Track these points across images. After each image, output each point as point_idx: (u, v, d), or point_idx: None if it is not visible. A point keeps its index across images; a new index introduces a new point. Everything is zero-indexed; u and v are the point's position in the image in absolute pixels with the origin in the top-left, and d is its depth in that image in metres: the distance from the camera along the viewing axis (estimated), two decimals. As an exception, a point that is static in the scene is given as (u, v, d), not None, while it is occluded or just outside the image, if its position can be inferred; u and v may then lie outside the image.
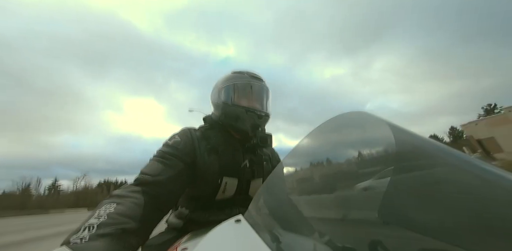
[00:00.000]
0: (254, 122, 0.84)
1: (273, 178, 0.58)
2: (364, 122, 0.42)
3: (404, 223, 0.26)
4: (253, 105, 0.87)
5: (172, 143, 0.76)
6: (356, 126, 0.45)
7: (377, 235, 0.27)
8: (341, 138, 0.49)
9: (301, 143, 0.54)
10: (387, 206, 0.28)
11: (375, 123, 0.40)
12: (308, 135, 0.52)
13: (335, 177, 0.41)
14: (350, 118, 0.45)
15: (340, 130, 0.48)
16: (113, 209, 0.51)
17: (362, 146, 0.41)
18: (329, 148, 0.50)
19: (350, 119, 0.45)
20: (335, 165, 0.44)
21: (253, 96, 0.90)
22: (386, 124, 0.37)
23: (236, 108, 0.85)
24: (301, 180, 0.50)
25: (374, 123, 0.40)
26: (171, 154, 0.72)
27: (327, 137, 0.51)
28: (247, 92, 0.90)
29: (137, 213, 0.54)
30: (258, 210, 0.53)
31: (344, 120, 0.46)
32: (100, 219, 0.48)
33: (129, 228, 0.50)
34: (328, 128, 0.49)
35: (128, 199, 0.56)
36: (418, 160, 0.30)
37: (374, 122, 0.40)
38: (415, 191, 0.27)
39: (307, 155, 0.55)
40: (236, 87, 0.89)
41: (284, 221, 0.45)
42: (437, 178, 0.26)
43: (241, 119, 0.84)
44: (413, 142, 0.32)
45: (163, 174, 0.66)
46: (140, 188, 0.60)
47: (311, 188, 0.48)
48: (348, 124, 0.46)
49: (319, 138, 0.51)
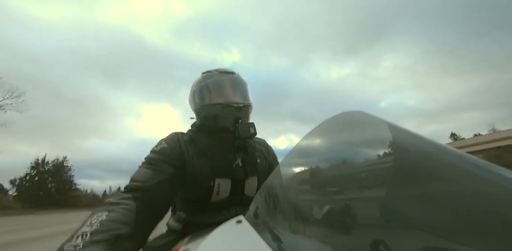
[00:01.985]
0: (234, 116, 0.82)
1: (273, 178, 0.58)
2: (362, 121, 0.43)
3: (405, 222, 0.26)
4: (229, 100, 0.85)
5: (159, 149, 0.76)
6: (355, 126, 0.45)
7: (378, 234, 0.28)
8: (340, 138, 0.49)
9: (301, 144, 0.54)
10: (388, 205, 0.28)
11: (373, 123, 0.40)
12: (307, 135, 0.52)
13: (335, 177, 0.42)
14: (348, 117, 0.45)
15: (338, 130, 0.49)
16: (105, 216, 0.51)
17: (361, 146, 0.41)
18: (328, 148, 0.50)
19: (348, 119, 0.45)
20: (335, 165, 0.45)
21: (226, 91, 0.88)
22: (384, 123, 0.37)
23: (211, 107, 0.84)
24: (301, 180, 0.50)
25: (372, 123, 0.41)
26: (159, 160, 0.72)
27: (327, 137, 0.51)
28: (218, 88, 0.88)
29: (130, 218, 0.54)
30: (259, 211, 0.53)
31: (342, 120, 0.46)
32: (93, 226, 0.47)
33: (123, 234, 0.49)
34: (326, 128, 0.49)
35: (120, 205, 0.56)
36: (418, 158, 0.31)
37: (372, 122, 0.41)
38: (415, 190, 0.27)
39: (306, 155, 0.55)
40: (206, 86, 0.87)
41: (285, 221, 0.45)
42: (437, 177, 0.26)
43: (220, 117, 0.82)
44: (412, 141, 0.33)
45: (153, 179, 0.66)
46: (130, 195, 0.60)
47: (312, 187, 0.48)
48: (347, 124, 0.46)
49: (318, 138, 0.52)
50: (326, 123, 0.49)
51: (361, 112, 0.44)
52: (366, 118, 0.41)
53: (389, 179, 0.31)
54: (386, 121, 0.38)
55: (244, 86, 0.93)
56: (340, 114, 0.46)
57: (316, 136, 0.51)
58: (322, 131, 0.50)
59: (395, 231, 0.27)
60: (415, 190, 0.27)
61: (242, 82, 0.93)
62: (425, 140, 0.31)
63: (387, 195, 0.30)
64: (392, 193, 0.29)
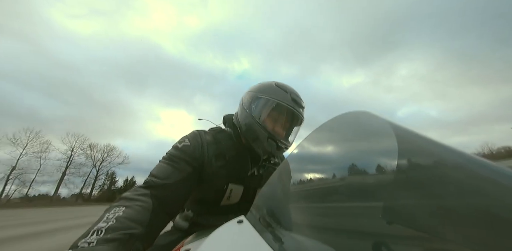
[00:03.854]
0: (270, 151, 0.80)
1: (275, 178, 0.58)
2: (366, 121, 0.42)
3: (408, 223, 0.25)
4: (278, 132, 0.82)
5: (181, 146, 0.75)
6: (358, 126, 0.44)
7: (380, 235, 0.27)
8: (343, 138, 0.49)
9: (303, 143, 0.54)
10: (390, 206, 0.28)
11: (377, 123, 0.40)
12: (309, 135, 0.52)
13: (337, 177, 0.41)
14: (352, 117, 0.44)
15: (341, 130, 0.48)
16: (121, 212, 0.51)
17: (364, 146, 0.40)
18: (331, 148, 0.50)
19: (352, 119, 0.45)
20: (337, 165, 0.44)
21: (283, 123, 0.84)
22: (388, 123, 0.36)
23: (260, 128, 0.79)
24: (303, 180, 0.50)
25: (376, 123, 0.40)
26: (180, 158, 0.72)
27: (329, 137, 0.51)
28: (280, 116, 0.83)
29: (145, 217, 0.54)
30: (260, 211, 0.53)
31: (346, 119, 0.46)
32: (109, 223, 0.48)
33: (136, 234, 0.49)
34: (329, 128, 0.49)
35: (137, 202, 0.56)
36: (421, 159, 0.30)
37: (376, 122, 0.40)
38: (418, 191, 0.27)
39: (309, 155, 0.54)
40: (272, 104, 0.80)
41: (286, 221, 0.45)
42: (440, 177, 0.25)
43: (259, 142, 0.79)
44: (416, 142, 0.32)
45: (172, 177, 0.66)
46: (149, 191, 0.60)
47: (314, 188, 0.47)
48: (350, 124, 0.46)
49: (321, 138, 0.51)
50: (329, 123, 0.48)
51: (365, 112, 0.43)
52: (371, 118, 0.41)
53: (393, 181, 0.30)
54: (391, 121, 0.37)
55: (300, 125, 0.90)
56: (345, 114, 0.46)
57: (319, 136, 0.51)
58: (326, 131, 0.49)
59: (397, 233, 0.26)
60: (419, 192, 0.27)
61: (301, 120, 0.88)
62: (431, 141, 0.30)
63: (390, 196, 0.30)
64: (396, 194, 0.29)
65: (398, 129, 0.34)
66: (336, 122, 0.47)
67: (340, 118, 0.46)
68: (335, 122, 0.47)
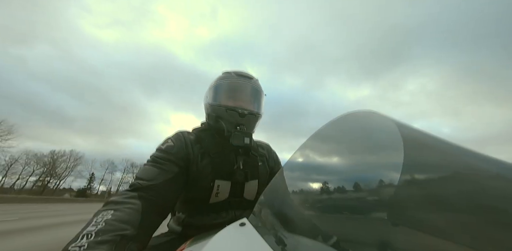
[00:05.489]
0: (235, 121, 0.81)
1: (277, 180, 0.57)
2: (372, 121, 0.41)
3: (413, 224, 0.24)
4: (236, 104, 0.84)
5: (165, 147, 0.76)
6: (363, 125, 0.43)
7: (385, 236, 0.26)
8: (348, 137, 0.48)
9: (306, 144, 0.53)
10: (396, 207, 0.27)
11: (383, 122, 0.39)
12: (313, 135, 0.51)
13: (341, 178, 0.40)
14: (357, 117, 0.44)
15: (346, 130, 0.47)
16: (110, 215, 0.50)
17: (370, 146, 0.39)
18: (335, 148, 0.49)
19: (357, 118, 0.44)
20: (341, 166, 0.43)
21: (236, 94, 0.87)
22: (394, 122, 0.36)
23: (217, 107, 0.83)
24: (306, 182, 0.49)
25: (382, 122, 0.39)
26: (165, 159, 0.72)
27: (333, 137, 0.50)
28: (230, 90, 0.87)
29: (136, 218, 0.53)
30: (263, 213, 0.52)
31: (351, 119, 0.45)
32: (98, 226, 0.47)
33: (128, 235, 0.48)
34: (334, 127, 0.48)
35: (126, 205, 0.55)
36: (427, 159, 0.29)
37: (381, 121, 0.39)
38: (424, 191, 0.26)
39: (311, 156, 0.53)
40: (220, 86, 0.87)
41: (289, 223, 0.44)
42: (447, 178, 0.24)
43: (221, 119, 0.82)
44: (422, 141, 0.31)
45: (159, 178, 0.65)
46: (136, 194, 0.59)
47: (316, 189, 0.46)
48: (355, 123, 0.45)
49: (324, 138, 0.50)
50: (332, 123, 0.47)
51: (370, 111, 0.42)
52: (375, 117, 0.40)
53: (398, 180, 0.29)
54: (397, 120, 0.36)
55: (257, 93, 0.92)
56: (349, 113, 0.45)
57: (322, 137, 0.50)
58: (329, 131, 0.49)
59: (403, 233, 0.25)
60: (425, 191, 0.26)
61: (256, 89, 0.92)
62: (437, 139, 0.29)
63: (394, 197, 0.28)
64: (401, 194, 0.28)
65: (405, 128, 0.34)
66: (341, 122, 0.46)
67: (344, 118, 0.45)
68: (338, 122, 0.46)
